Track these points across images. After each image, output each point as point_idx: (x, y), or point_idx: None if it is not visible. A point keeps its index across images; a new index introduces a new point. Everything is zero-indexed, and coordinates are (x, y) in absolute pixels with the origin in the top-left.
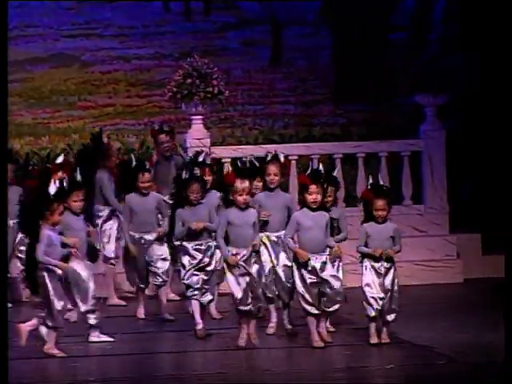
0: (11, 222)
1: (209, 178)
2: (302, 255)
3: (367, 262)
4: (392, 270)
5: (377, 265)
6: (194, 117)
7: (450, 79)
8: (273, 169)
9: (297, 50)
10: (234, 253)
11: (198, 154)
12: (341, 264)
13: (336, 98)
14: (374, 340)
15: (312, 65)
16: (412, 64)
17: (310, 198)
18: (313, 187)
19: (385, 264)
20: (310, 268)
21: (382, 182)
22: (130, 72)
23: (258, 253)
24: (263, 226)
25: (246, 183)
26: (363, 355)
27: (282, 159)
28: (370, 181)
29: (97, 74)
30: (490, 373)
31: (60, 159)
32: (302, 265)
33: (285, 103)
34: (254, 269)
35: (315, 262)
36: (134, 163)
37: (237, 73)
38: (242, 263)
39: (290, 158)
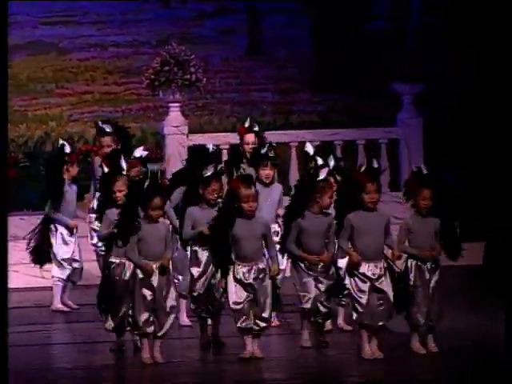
0: None
1: (270, 173)
2: (354, 259)
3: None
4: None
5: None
6: (171, 104)
7: (427, 69)
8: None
9: (275, 38)
10: (241, 271)
11: (260, 146)
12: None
13: (315, 86)
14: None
15: (290, 53)
16: (390, 53)
17: (367, 197)
18: (370, 185)
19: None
20: (361, 276)
21: (425, 170)
22: (108, 59)
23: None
24: None
25: (252, 190)
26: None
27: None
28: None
29: (74, 62)
30: (465, 357)
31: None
32: (355, 272)
33: (262, 91)
34: (261, 288)
35: (370, 271)
36: (210, 172)
37: (215, 60)
38: (249, 281)
39: None
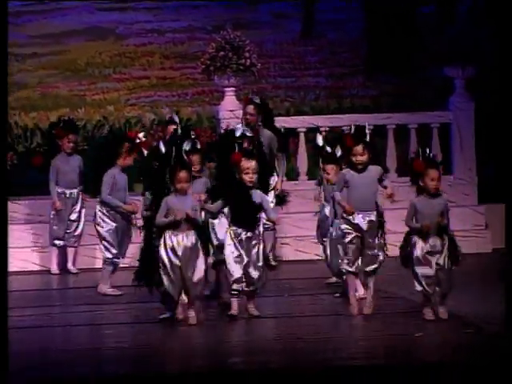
0: (75, 191)
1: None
2: (347, 209)
3: (415, 238)
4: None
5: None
6: (226, 89)
7: (479, 51)
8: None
9: (328, 22)
10: (238, 232)
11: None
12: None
13: (367, 70)
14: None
15: (343, 37)
16: (442, 36)
17: (354, 159)
18: (356, 148)
19: (438, 242)
20: (355, 222)
21: (430, 153)
22: (164, 45)
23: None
24: None
25: (253, 163)
26: (391, 323)
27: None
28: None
29: (131, 47)
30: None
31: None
32: (347, 220)
33: (316, 75)
34: (254, 251)
35: (361, 220)
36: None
37: (269, 45)
38: (241, 245)
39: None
